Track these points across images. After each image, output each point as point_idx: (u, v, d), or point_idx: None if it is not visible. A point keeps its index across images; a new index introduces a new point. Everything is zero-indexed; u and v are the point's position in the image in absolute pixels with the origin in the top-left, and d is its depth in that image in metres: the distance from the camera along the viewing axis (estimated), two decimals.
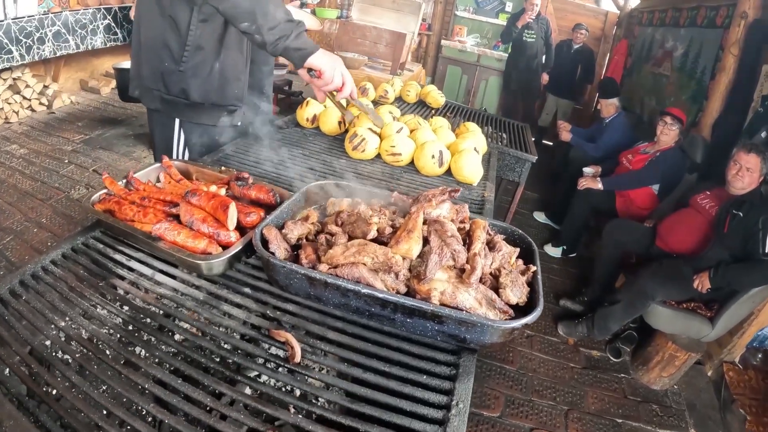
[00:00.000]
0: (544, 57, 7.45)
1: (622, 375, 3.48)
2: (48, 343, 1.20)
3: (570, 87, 7.64)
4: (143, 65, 2.13)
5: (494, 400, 3.03)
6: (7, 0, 5.47)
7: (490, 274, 1.27)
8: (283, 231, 1.35)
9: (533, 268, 1.32)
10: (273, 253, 1.27)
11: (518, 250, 1.39)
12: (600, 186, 4.38)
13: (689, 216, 3.52)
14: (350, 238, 1.29)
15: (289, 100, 7.67)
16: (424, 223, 1.30)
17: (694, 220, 3.46)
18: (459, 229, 1.35)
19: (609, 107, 5.25)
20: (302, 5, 9.62)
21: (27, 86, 6.19)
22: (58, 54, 6.32)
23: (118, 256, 1.46)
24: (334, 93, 2.03)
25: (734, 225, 3.06)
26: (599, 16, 8.55)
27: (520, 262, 1.39)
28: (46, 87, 6.53)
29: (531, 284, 1.29)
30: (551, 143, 7.65)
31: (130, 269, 1.43)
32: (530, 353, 3.49)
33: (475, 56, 8.75)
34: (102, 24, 6.89)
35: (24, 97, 6.18)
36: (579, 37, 7.22)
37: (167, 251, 1.33)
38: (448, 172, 2.40)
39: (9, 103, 5.98)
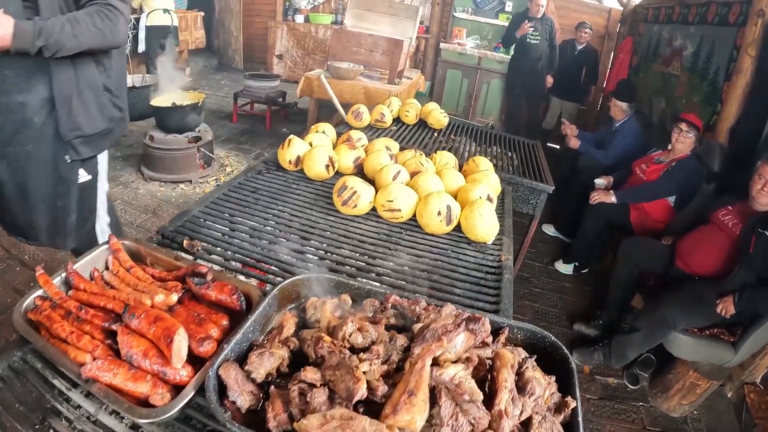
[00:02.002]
0: (547, 58, 7.20)
1: (641, 404, 3.32)
2: None
3: (575, 89, 7.37)
4: None
5: None
6: None
7: (520, 423, 0.99)
8: (246, 368, 1.06)
9: (572, 404, 1.03)
10: (234, 402, 0.99)
11: (553, 382, 1.10)
12: (613, 199, 4.16)
13: (711, 234, 3.29)
14: (331, 393, 1.00)
15: (283, 112, 7.47)
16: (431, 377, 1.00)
17: (716, 239, 3.23)
18: (479, 364, 1.05)
19: (618, 110, 5.00)
20: (295, 11, 9.48)
21: None
22: None
23: (57, 382, 1.19)
24: None
25: (761, 245, 2.84)
26: (602, 14, 8.26)
27: (555, 389, 1.10)
28: None
29: (569, 425, 1.01)
30: (557, 146, 7.42)
31: (70, 403, 1.16)
32: None
33: (476, 59, 8.43)
34: None
35: None
36: (583, 37, 6.97)
37: (102, 399, 1.05)
38: (458, 227, 2.10)
39: None
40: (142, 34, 7.26)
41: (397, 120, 3.69)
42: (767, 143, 3.65)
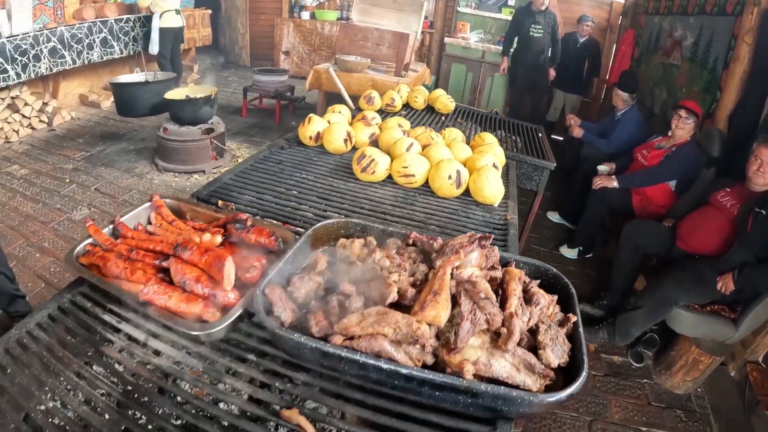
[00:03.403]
0: (550, 51, 7.28)
1: (645, 380, 3.38)
2: (35, 423, 1.07)
3: (577, 81, 7.46)
4: None
5: None
6: (2, 18, 5.40)
7: (527, 330, 1.12)
8: (289, 289, 1.20)
9: (573, 318, 1.17)
10: (278, 317, 1.13)
11: (555, 298, 1.24)
12: (615, 184, 4.25)
13: (710, 215, 3.38)
14: (366, 300, 1.14)
15: (291, 107, 7.59)
16: (452, 277, 1.15)
17: (715, 219, 3.32)
18: (491, 280, 1.20)
19: (620, 99, 5.10)
20: (301, 8, 9.58)
21: (26, 104, 6.11)
22: (54, 70, 6.27)
23: (107, 317, 1.32)
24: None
25: (758, 224, 2.93)
26: (604, 7, 8.33)
27: (558, 309, 1.25)
28: (45, 104, 6.45)
29: (571, 338, 1.14)
30: (561, 138, 7.51)
31: (121, 332, 1.29)
32: None
33: (480, 52, 8.54)
34: (98, 38, 6.82)
35: (23, 116, 6.11)
36: (585, 29, 7.06)
37: (159, 319, 1.18)
38: (466, 192, 2.24)
39: (8, 122, 5.90)
40: (155, 36, 7.18)
41: (406, 105, 3.82)
42: (765, 127, 3.74)
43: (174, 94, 5.26)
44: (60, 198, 4.71)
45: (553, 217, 5.53)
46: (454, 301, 1.11)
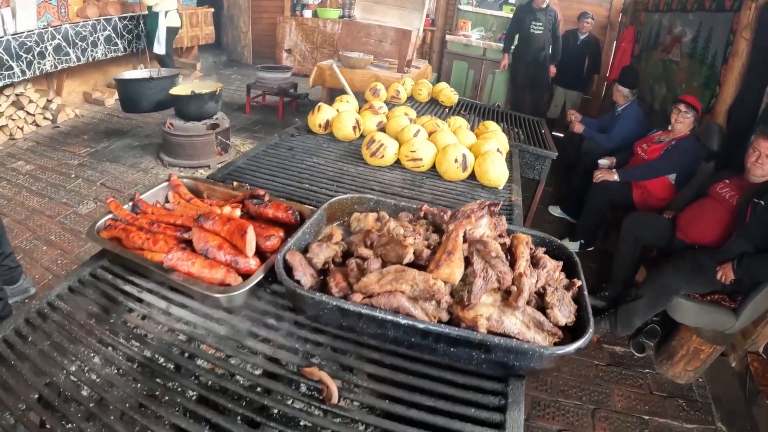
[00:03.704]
0: (551, 48, 7.33)
1: (647, 370, 3.41)
2: (57, 388, 1.11)
3: (578, 78, 7.50)
4: None
5: None
6: (6, 16, 5.44)
7: (535, 293, 1.18)
8: (308, 255, 1.25)
9: (578, 282, 1.23)
10: (299, 282, 1.18)
11: (561, 263, 1.30)
12: (616, 177, 4.28)
13: (709, 206, 3.42)
14: (383, 263, 1.20)
15: (294, 104, 7.63)
16: (464, 241, 1.21)
17: (714, 210, 3.36)
18: (500, 245, 1.25)
19: (621, 95, 5.14)
20: (303, 6, 9.63)
21: (30, 101, 6.15)
22: (59, 67, 6.31)
23: (128, 288, 1.37)
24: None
25: (756, 214, 2.97)
26: (604, 4, 8.38)
27: (563, 276, 1.30)
28: (49, 101, 6.48)
29: (577, 300, 1.20)
30: (561, 135, 7.55)
31: (143, 302, 1.34)
32: None
33: (481, 50, 8.61)
34: (102, 35, 6.86)
35: (28, 113, 6.15)
36: (585, 27, 7.10)
37: (181, 284, 1.23)
38: (472, 176, 2.31)
39: (13, 120, 5.94)
40: (162, 36, 7.12)
41: (410, 98, 3.88)
42: (763, 120, 3.79)
43: (179, 90, 5.31)
44: (66, 192, 4.75)
45: (555, 211, 5.57)
46: (467, 262, 1.17)
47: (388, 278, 1.09)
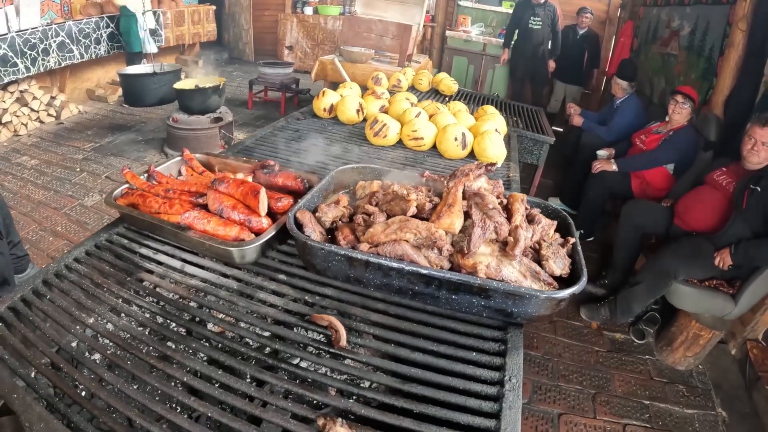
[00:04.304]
0: (550, 43, 7.39)
1: (647, 357, 3.42)
2: (76, 341, 1.17)
3: (578, 73, 7.56)
4: None
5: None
6: (10, 13, 5.49)
7: (531, 247, 1.24)
8: (317, 214, 1.32)
9: (572, 239, 1.29)
10: (308, 237, 1.24)
11: (556, 223, 1.36)
12: (614, 168, 4.32)
13: (706, 193, 3.44)
14: (388, 217, 1.26)
15: (296, 99, 7.68)
16: (464, 197, 1.27)
17: (711, 197, 3.39)
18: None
19: (618, 87, 5.18)
20: (304, 3, 9.68)
21: (34, 98, 6.21)
22: (63, 64, 6.36)
23: (143, 250, 1.44)
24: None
25: (753, 200, 2.99)
26: None
27: (558, 235, 1.36)
28: (53, 98, 6.55)
29: (571, 256, 1.26)
30: (561, 129, 7.59)
31: (158, 262, 1.41)
32: (554, 338, 3.45)
33: (481, 45, 8.68)
34: (105, 32, 6.93)
35: (32, 109, 6.21)
36: (584, 21, 7.15)
37: (197, 241, 1.30)
38: (472, 154, 2.37)
39: (17, 116, 6.00)
40: (146, 36, 6.90)
41: (411, 88, 3.94)
42: (759, 110, 3.83)
43: (183, 84, 5.38)
44: (71, 185, 4.81)
45: (555, 203, 5.50)
46: (466, 216, 1.24)
47: (393, 228, 1.16)
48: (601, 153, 4.70)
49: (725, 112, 4.24)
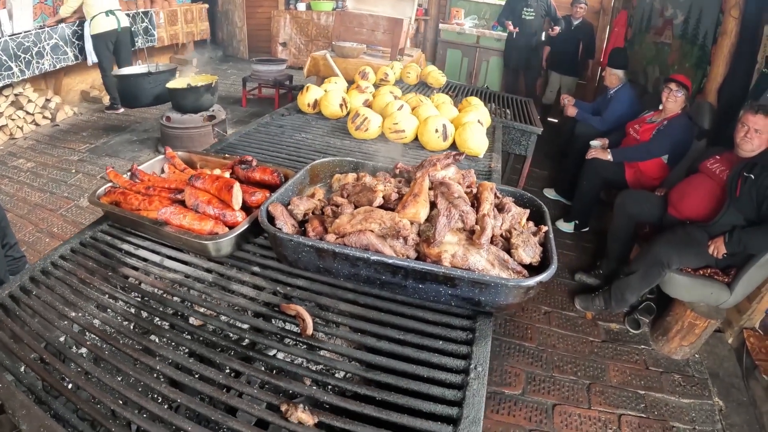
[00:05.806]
0: (543, 34, 7.39)
1: (643, 346, 3.42)
2: (62, 336, 1.20)
3: (573, 63, 7.53)
4: None
5: (515, 378, 3.00)
6: (3, 17, 5.50)
7: (501, 236, 1.25)
8: (289, 207, 1.34)
9: (545, 228, 1.30)
10: (279, 229, 1.25)
11: (528, 211, 1.37)
12: (609, 157, 4.30)
13: (700, 181, 3.43)
14: (356, 208, 1.28)
15: (290, 96, 7.68)
16: (431, 187, 1.28)
17: (705, 186, 3.38)
18: (467, 194, 1.32)
19: (613, 77, 5.17)
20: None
21: (29, 101, 6.22)
22: (57, 67, 6.37)
23: (126, 246, 1.47)
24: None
25: (746, 188, 2.98)
26: None
27: (531, 224, 1.37)
28: (48, 100, 6.55)
29: (543, 244, 1.26)
30: (556, 120, 7.58)
31: (139, 258, 1.44)
32: (549, 329, 3.46)
33: (474, 38, 8.68)
34: None
35: (27, 112, 6.22)
36: (578, 12, 7.12)
37: (175, 235, 1.33)
38: (454, 146, 2.38)
39: (12, 119, 6.01)
40: (88, 46, 6.51)
41: (399, 81, 3.94)
42: (753, 97, 3.82)
43: (176, 83, 5.38)
44: (67, 187, 4.83)
45: (549, 193, 5.61)
46: (433, 206, 1.24)
47: (358, 218, 1.18)
48: (594, 143, 4.69)
49: (719, 100, 4.24)
